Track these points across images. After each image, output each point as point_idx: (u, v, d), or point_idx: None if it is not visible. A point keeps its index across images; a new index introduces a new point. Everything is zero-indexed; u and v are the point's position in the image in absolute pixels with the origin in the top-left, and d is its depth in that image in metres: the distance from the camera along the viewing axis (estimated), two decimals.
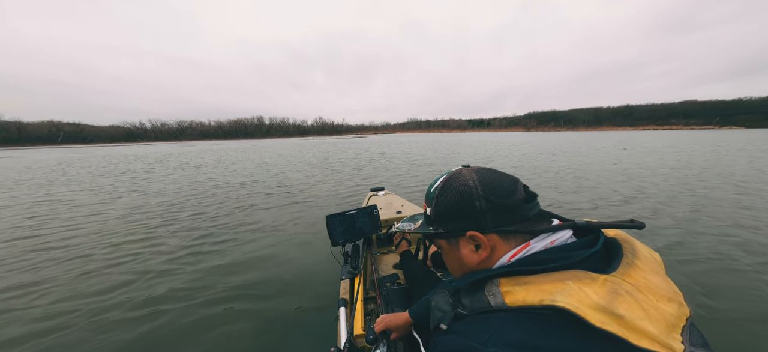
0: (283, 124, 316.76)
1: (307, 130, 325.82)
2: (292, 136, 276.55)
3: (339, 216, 1.32)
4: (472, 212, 0.41)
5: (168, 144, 74.32)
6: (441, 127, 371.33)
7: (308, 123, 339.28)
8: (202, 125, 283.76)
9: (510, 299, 0.35)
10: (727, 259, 2.49)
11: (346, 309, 0.95)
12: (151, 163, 14.33)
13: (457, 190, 0.43)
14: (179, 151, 29.30)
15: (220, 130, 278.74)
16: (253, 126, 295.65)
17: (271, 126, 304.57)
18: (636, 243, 0.40)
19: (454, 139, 45.34)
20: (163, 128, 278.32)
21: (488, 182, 0.41)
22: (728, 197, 4.56)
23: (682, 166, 8.18)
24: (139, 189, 6.88)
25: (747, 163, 8.72)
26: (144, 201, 5.52)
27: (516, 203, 0.40)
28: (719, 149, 14.19)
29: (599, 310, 0.29)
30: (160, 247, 3.17)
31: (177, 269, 2.61)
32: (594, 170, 7.77)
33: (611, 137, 38.06)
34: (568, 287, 0.32)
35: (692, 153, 12.25)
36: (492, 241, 0.40)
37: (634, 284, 0.33)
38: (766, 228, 3.19)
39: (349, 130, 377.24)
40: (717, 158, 10.03)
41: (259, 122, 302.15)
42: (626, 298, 0.30)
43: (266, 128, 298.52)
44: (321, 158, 13.93)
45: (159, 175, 9.37)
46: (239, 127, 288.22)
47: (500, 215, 0.40)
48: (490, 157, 13.09)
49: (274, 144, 38.81)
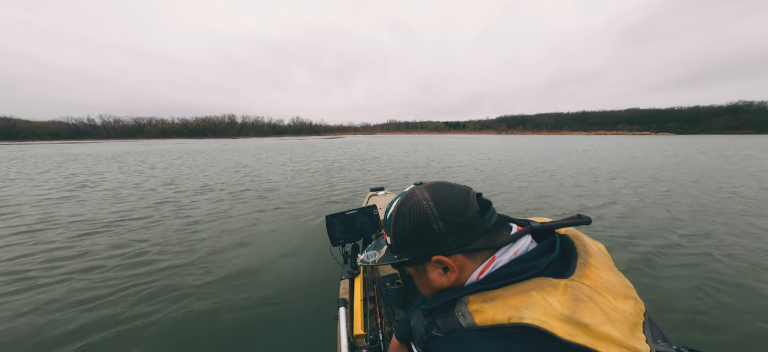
0: (257, 123, 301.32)
1: (283, 129, 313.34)
2: (268, 136, 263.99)
3: (338, 216, 1.32)
4: (432, 235, 0.40)
5: (123, 142, 67.49)
6: (419, 128, 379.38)
7: (285, 122, 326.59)
8: (164, 123, 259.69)
9: (479, 318, 0.35)
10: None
11: (346, 309, 0.95)
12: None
13: (413, 214, 0.42)
14: (126, 150, 26.43)
15: (185, 128, 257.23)
16: (223, 125, 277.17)
17: (244, 125, 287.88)
18: (584, 239, 0.42)
19: (433, 141, 46.67)
20: (116, 125, 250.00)
21: (442, 201, 0.41)
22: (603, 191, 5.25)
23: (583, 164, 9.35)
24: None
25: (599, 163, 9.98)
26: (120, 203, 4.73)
27: (473, 218, 0.40)
28: (597, 151, 16.41)
29: (565, 321, 0.30)
30: (154, 248, 3.04)
31: (168, 269, 2.56)
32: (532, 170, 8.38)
33: (565, 141, 42.78)
34: (533, 299, 0.33)
35: (585, 152, 14.68)
36: (458, 261, 0.40)
37: (592, 285, 0.34)
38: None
39: (328, 130, 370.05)
40: (601, 161, 11.50)
41: (230, 121, 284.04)
42: (588, 304, 0.31)
43: (238, 127, 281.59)
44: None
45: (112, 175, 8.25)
46: (208, 125, 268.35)
47: (461, 233, 0.39)
48: (456, 164, 13.51)
49: (242, 145, 36.74)
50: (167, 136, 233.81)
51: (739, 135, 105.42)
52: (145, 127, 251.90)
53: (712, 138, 61.47)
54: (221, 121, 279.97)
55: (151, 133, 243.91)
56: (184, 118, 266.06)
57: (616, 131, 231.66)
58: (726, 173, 7.71)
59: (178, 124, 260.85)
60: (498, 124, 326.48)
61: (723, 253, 2.76)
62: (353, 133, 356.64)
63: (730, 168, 8.79)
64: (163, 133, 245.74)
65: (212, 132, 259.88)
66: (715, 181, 6.62)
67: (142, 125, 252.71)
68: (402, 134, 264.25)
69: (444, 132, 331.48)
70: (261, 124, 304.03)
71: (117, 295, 2.17)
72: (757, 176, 7.16)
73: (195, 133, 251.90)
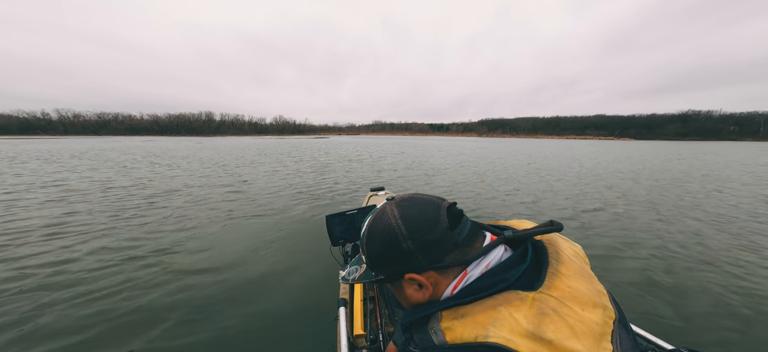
0: (237, 121, 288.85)
1: (265, 129, 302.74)
2: (248, 134, 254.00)
3: (339, 216, 1.32)
4: (402, 254, 0.41)
5: (82, 139, 61.85)
6: (404, 130, 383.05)
7: (267, 121, 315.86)
8: (132, 119, 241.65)
9: (450, 336, 0.35)
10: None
11: (346, 309, 0.95)
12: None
13: (383, 234, 0.42)
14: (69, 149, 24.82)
15: (156, 125, 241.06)
16: (199, 122, 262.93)
17: (222, 123, 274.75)
18: (559, 243, 0.42)
19: (415, 142, 48.00)
20: (76, 120, 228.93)
21: (411, 218, 0.41)
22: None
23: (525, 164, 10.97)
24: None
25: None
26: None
27: (442, 234, 0.40)
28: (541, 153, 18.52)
29: (529, 337, 0.31)
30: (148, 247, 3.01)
31: (166, 272, 2.49)
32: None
33: (538, 144, 46.49)
34: (501, 316, 0.33)
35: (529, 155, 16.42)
36: (431, 278, 0.41)
37: (560, 296, 0.34)
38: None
39: (312, 130, 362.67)
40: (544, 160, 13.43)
41: (207, 118, 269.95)
42: (553, 318, 0.32)
43: (216, 125, 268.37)
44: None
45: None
46: (182, 122, 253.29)
47: (430, 250, 0.40)
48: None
49: (218, 144, 35.49)
50: (136, 134, 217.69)
51: (687, 141, 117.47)
52: (109, 123, 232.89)
53: (663, 143, 68.66)
54: (197, 118, 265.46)
55: (116, 129, 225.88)
56: (155, 115, 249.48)
57: (585, 136, 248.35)
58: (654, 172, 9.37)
59: (148, 120, 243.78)
60: (479, 127, 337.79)
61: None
62: (338, 133, 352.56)
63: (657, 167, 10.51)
64: (131, 129, 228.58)
65: (187, 130, 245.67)
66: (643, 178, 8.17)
67: (106, 121, 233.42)
68: (387, 135, 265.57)
69: (428, 134, 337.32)
70: (241, 122, 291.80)
71: (111, 289, 2.19)
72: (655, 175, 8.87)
73: (168, 131, 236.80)
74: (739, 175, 9.04)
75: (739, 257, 2.85)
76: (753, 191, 6.28)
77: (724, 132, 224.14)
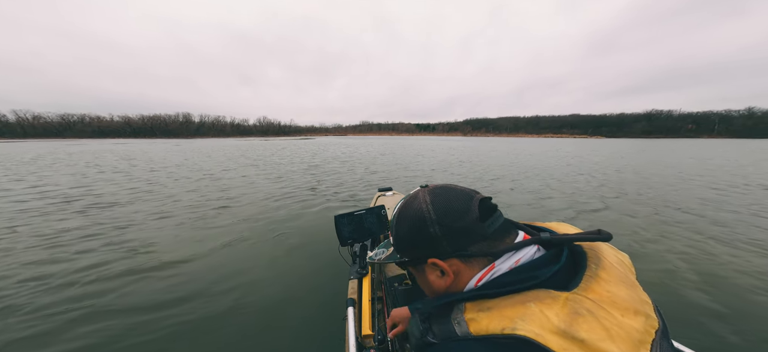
0: (218, 122, 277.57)
1: (248, 130, 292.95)
2: (230, 136, 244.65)
3: (347, 216, 1.33)
4: (428, 239, 0.41)
5: (42, 143, 57.08)
6: (391, 130, 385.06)
7: (250, 122, 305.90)
8: (101, 121, 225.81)
9: (474, 327, 0.34)
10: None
11: (354, 309, 0.95)
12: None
13: (412, 217, 0.43)
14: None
15: (128, 127, 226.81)
16: (177, 124, 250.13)
17: (202, 124, 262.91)
18: (603, 249, 0.40)
19: (399, 142, 48.62)
20: (36, 123, 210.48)
21: (441, 206, 0.41)
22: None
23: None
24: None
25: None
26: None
27: (470, 225, 0.40)
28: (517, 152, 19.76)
29: (560, 335, 0.29)
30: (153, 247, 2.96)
31: (175, 273, 2.50)
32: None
33: (514, 142, 48.28)
34: (530, 311, 0.32)
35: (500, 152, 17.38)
36: (454, 266, 0.40)
37: (596, 299, 0.32)
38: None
39: (297, 131, 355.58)
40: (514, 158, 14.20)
41: (185, 120, 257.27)
42: (587, 318, 0.30)
43: (195, 127, 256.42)
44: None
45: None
46: (157, 124, 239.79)
47: (457, 238, 0.40)
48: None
49: (190, 146, 34.00)
50: (105, 136, 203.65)
51: (652, 139, 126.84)
52: (74, 125, 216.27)
53: (632, 141, 73.54)
54: (174, 119, 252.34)
55: (83, 132, 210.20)
56: (126, 116, 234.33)
57: (561, 134, 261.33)
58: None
59: (119, 122, 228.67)
60: (464, 127, 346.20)
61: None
62: (324, 134, 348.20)
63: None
64: (100, 132, 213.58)
65: (163, 132, 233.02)
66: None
67: (70, 123, 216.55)
68: (374, 135, 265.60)
69: (414, 134, 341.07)
70: (222, 123, 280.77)
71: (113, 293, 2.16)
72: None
73: (141, 133, 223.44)
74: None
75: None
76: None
77: (683, 130, 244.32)
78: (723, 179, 7.35)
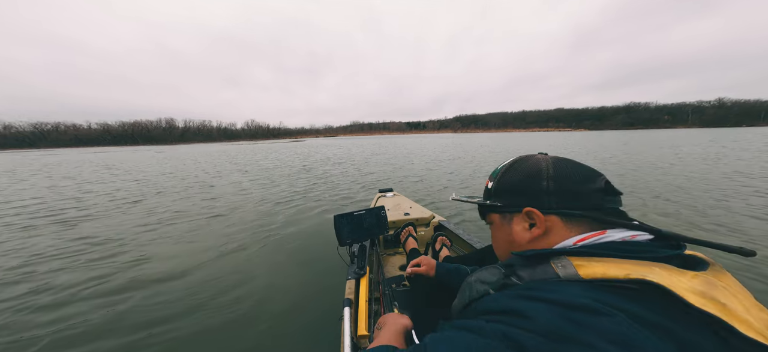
0: (204, 127, 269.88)
1: (236, 134, 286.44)
2: (217, 141, 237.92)
3: (347, 216, 1.32)
4: (536, 189, 0.41)
5: (15, 154, 53.50)
6: (382, 129, 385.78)
7: (238, 126, 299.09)
8: (78, 129, 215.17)
9: (584, 271, 0.31)
10: None
11: (351, 309, 0.96)
12: None
13: (527, 169, 0.44)
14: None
15: (108, 135, 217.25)
16: (159, 130, 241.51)
17: (186, 130, 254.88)
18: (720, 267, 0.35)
19: (399, 141, 48.54)
20: (6, 132, 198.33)
21: (562, 167, 0.41)
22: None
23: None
24: None
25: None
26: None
27: (589, 191, 0.39)
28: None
29: (696, 293, 0.27)
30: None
31: (173, 273, 2.51)
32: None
33: (508, 138, 48.75)
34: (655, 270, 0.29)
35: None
36: (550, 222, 0.39)
37: (727, 286, 0.29)
38: None
39: (287, 133, 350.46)
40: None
41: (168, 125, 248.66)
42: (723, 292, 0.28)
43: (180, 132, 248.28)
44: None
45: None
46: (138, 131, 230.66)
47: (566, 197, 0.39)
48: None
49: (169, 155, 32.85)
50: (83, 145, 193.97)
51: (633, 130, 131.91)
52: (49, 134, 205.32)
53: (615, 132, 75.53)
54: (156, 125, 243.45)
55: (59, 141, 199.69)
56: (105, 123, 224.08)
57: (547, 128, 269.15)
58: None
59: (97, 129, 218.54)
60: (454, 124, 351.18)
61: None
62: (315, 135, 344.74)
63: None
64: (77, 141, 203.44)
65: (145, 138, 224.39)
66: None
67: (44, 132, 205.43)
68: (365, 135, 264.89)
69: (405, 132, 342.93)
70: (208, 128, 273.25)
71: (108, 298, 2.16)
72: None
73: (122, 141, 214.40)
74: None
75: None
76: None
77: (660, 121, 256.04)
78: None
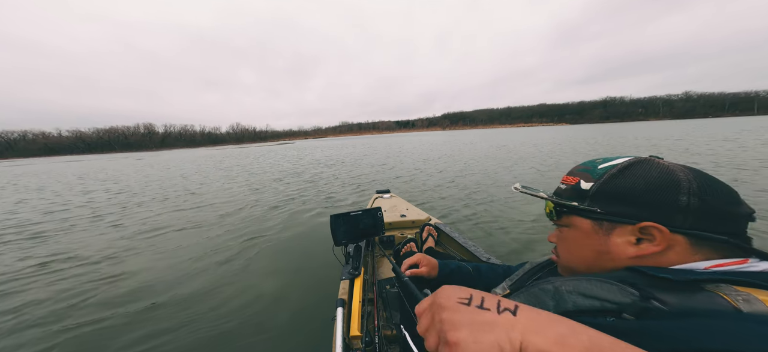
0: (186, 132, 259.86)
1: (221, 138, 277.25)
2: (201, 146, 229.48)
3: (343, 216, 1.32)
4: (670, 204, 0.35)
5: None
6: (371, 129, 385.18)
7: (223, 130, 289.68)
8: (47, 137, 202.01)
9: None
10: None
11: (344, 310, 0.96)
12: None
13: (656, 178, 0.37)
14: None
15: (82, 143, 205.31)
16: (138, 136, 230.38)
17: (167, 135, 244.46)
18: None
19: (389, 140, 48.61)
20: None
21: (706, 182, 0.35)
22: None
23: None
24: None
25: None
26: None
27: (736, 214, 0.34)
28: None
29: None
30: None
31: (166, 272, 2.53)
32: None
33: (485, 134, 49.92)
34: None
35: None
36: (674, 241, 0.34)
37: None
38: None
39: (275, 136, 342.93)
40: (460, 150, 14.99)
41: (147, 130, 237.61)
42: None
43: (160, 138, 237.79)
44: None
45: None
46: (115, 137, 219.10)
47: (706, 218, 0.34)
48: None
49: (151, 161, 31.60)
50: (54, 153, 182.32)
51: (610, 124, 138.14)
52: (16, 143, 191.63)
53: (594, 126, 78.81)
54: (134, 131, 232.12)
55: (27, 150, 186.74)
56: (77, 130, 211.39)
57: (531, 123, 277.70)
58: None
59: (69, 137, 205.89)
60: (442, 121, 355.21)
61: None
62: (303, 137, 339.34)
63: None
64: (48, 149, 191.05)
65: (123, 145, 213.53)
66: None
67: (11, 141, 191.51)
68: (354, 135, 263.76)
69: (395, 131, 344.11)
70: (191, 132, 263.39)
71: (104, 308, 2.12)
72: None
73: (97, 148, 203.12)
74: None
75: None
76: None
77: (634, 114, 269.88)
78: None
